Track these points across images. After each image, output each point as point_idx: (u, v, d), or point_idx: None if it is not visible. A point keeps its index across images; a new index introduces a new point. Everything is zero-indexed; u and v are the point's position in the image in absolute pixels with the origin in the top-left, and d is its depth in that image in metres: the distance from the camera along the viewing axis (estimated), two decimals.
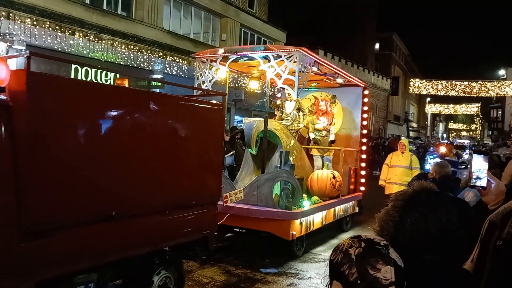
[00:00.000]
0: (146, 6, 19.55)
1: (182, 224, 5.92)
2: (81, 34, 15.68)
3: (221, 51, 9.02)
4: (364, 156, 11.62)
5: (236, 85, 23.00)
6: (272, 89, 10.83)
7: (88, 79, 15.33)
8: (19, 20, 13.44)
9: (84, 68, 15.33)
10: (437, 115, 74.92)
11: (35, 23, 13.94)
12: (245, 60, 9.10)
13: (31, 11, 14.06)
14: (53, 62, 11.95)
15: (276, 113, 10.83)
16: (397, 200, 1.79)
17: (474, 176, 2.38)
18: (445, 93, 55.49)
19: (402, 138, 12.29)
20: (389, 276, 1.49)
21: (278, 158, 9.29)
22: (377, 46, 53.34)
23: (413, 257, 1.64)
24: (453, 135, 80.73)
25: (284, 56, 8.33)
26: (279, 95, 11.11)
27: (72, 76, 14.87)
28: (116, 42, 17.16)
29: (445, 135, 78.06)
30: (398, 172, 11.36)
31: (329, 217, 9.80)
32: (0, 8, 13.07)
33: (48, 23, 14.41)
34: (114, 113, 4.99)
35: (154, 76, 18.19)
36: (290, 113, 10.58)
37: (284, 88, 9.32)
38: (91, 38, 15.97)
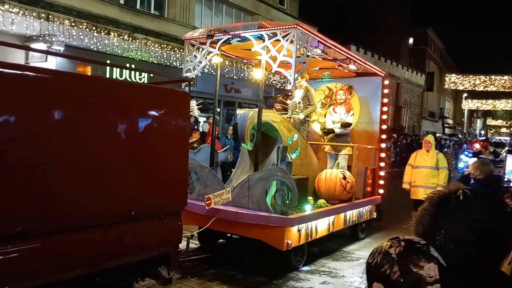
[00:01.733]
0: (178, 5, 19.65)
1: (129, 240, 4.62)
2: (116, 34, 15.87)
3: (204, 31, 7.66)
4: (383, 155, 10.07)
5: (267, 82, 21.66)
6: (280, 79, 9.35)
7: (122, 78, 16.04)
8: (58, 21, 13.72)
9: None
10: (474, 111, 71.50)
11: (73, 24, 14.20)
12: (238, 42, 7.70)
13: (69, 13, 14.28)
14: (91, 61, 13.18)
15: (277, 106, 9.41)
16: (433, 198, 1.70)
17: (505, 179, 1.74)
18: (483, 88, 53.13)
19: (428, 135, 10.59)
20: (433, 274, 1.42)
21: (275, 154, 7.91)
22: (411, 41, 51.08)
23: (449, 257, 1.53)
24: (491, 131, 77.28)
25: (280, 34, 6.90)
26: (289, 86, 9.66)
27: (107, 75, 15.38)
28: (150, 41, 17.21)
29: (483, 132, 74.72)
30: (423, 174, 9.83)
31: (338, 223, 8.34)
32: (40, 10, 13.33)
33: (85, 24, 14.68)
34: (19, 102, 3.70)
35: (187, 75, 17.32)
36: (300, 105, 9.16)
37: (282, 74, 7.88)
38: (125, 38, 16.15)
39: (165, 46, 18.06)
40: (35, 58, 13.61)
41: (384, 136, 10.07)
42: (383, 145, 10.06)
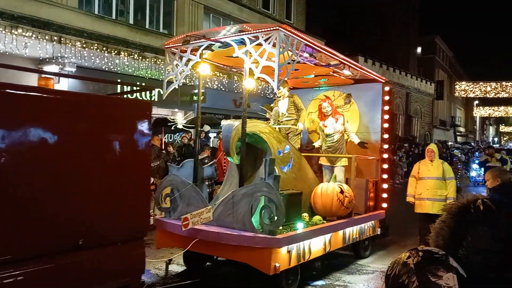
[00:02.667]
0: (186, 23, 19.75)
1: (77, 273, 3.91)
2: (126, 53, 15.75)
3: (182, 37, 6.99)
4: (385, 166, 9.27)
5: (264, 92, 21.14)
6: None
7: (133, 97, 15.53)
8: (70, 43, 13.69)
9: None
10: (486, 118, 70.05)
11: (84, 45, 14.13)
12: (220, 48, 7.03)
13: (80, 35, 14.27)
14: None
15: (268, 116, 8.72)
16: (452, 209, 1.72)
17: None
18: (495, 94, 52.01)
19: (430, 144, 9.79)
20: (452, 283, 1.43)
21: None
22: (419, 50, 50.18)
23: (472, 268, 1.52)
24: (505, 138, 75.71)
25: (262, 38, 6.21)
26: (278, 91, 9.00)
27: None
28: (159, 60, 16.81)
29: (496, 139, 73.18)
30: (429, 185, 9.01)
31: (336, 241, 7.57)
32: (53, 33, 13.34)
33: (96, 44, 14.62)
34: None
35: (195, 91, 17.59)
36: (284, 114, 8.46)
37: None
38: (135, 57, 16.04)
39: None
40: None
41: (386, 146, 9.30)
42: (385, 156, 9.27)
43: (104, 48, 14.92)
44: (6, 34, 12.07)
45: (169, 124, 12.31)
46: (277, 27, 6.10)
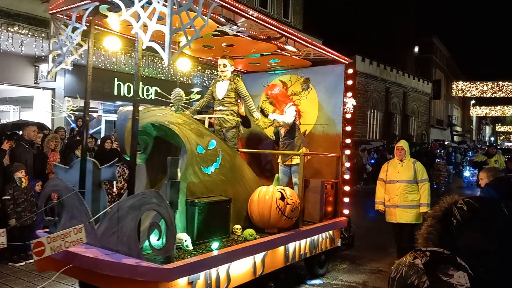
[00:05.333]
0: None
1: None
2: (123, 51, 14.77)
3: None
4: (348, 165, 7.26)
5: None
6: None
7: (130, 95, 14.99)
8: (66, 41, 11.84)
9: (127, 84, 15.03)
10: (483, 118, 67.16)
11: (80, 43, 11.87)
12: (108, 10, 5.07)
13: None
14: (97, 79, 11.51)
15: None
16: (435, 213, 1.64)
17: None
18: (491, 94, 49.78)
19: (400, 140, 7.73)
20: (464, 282, 1.33)
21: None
22: (416, 49, 47.87)
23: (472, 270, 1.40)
24: (501, 138, 72.83)
25: None
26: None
27: (115, 92, 14.92)
28: (156, 58, 15.96)
29: (492, 139, 70.32)
30: (399, 190, 7.08)
31: (273, 261, 5.61)
32: (49, 31, 11.46)
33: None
34: None
35: (194, 89, 16.07)
36: (222, 99, 6.50)
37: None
38: (132, 55, 14.83)
39: (172, 62, 15.87)
40: (44, 78, 12.99)
41: (348, 141, 7.29)
42: (347, 152, 7.25)
43: (101, 46, 13.36)
44: (2, 32, 11.40)
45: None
46: None
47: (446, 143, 39.39)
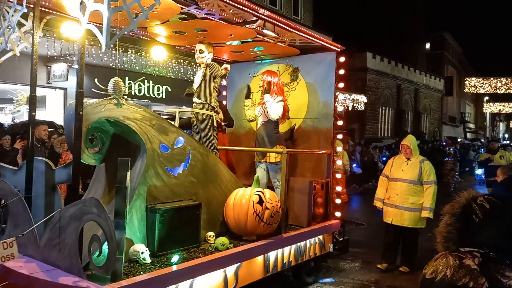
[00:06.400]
0: None
1: None
2: (133, 51, 14.82)
3: None
4: (340, 162, 6.46)
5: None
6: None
7: (141, 94, 15.37)
8: (77, 41, 11.35)
9: (137, 83, 13.20)
10: (496, 114, 65.16)
11: (92, 43, 13.09)
12: None
13: (88, 32, 11.70)
14: (107, 77, 9.37)
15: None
16: (454, 211, 1.56)
17: None
18: (505, 90, 47.98)
19: (407, 136, 6.85)
20: None
21: (137, 171, 4.52)
22: (427, 46, 46.55)
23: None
24: None
25: None
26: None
27: (126, 91, 13.26)
28: (167, 57, 14.43)
29: (506, 135, 68.32)
30: (400, 189, 6.30)
31: (250, 273, 4.86)
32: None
33: None
34: None
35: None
36: (197, 89, 5.74)
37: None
38: (142, 54, 15.00)
39: (181, 61, 16.58)
40: (56, 78, 13.13)
41: (340, 136, 6.48)
42: (339, 149, 6.45)
43: (112, 46, 12.92)
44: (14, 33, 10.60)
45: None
46: None
47: (459, 140, 38.21)
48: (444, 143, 31.00)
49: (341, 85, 6.35)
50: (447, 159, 17.68)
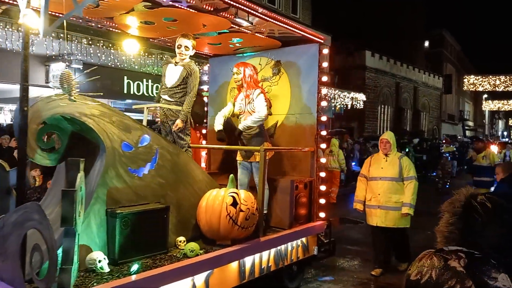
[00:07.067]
0: None
1: None
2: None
3: None
4: (323, 160, 6.04)
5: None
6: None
7: (140, 93, 15.11)
8: (76, 40, 12.64)
9: (136, 82, 14.84)
10: (495, 112, 64.52)
11: (90, 42, 12.92)
12: None
13: (87, 31, 12.84)
14: (107, 77, 11.56)
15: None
16: (454, 209, 1.49)
17: None
18: (504, 88, 47.41)
19: (386, 132, 6.42)
20: (508, 284, 1.21)
21: (96, 172, 4.11)
22: (426, 44, 46.02)
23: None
24: None
25: None
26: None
27: (125, 91, 14.67)
28: (165, 56, 14.84)
29: (505, 133, 67.63)
30: (382, 188, 5.87)
31: (223, 281, 4.44)
32: (59, 30, 11.49)
33: (102, 41, 13.30)
34: None
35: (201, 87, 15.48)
36: (171, 89, 5.32)
37: None
38: (141, 53, 14.36)
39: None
40: (55, 78, 12.61)
41: (324, 133, 6.05)
42: (323, 146, 6.02)
43: (110, 45, 13.45)
44: (13, 32, 10.83)
45: None
46: None
47: (459, 138, 37.74)
48: (443, 141, 30.55)
49: (324, 78, 5.91)
50: (446, 155, 17.21)
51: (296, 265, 5.71)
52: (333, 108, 25.81)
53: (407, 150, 25.11)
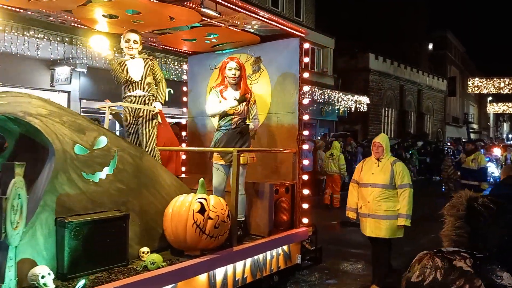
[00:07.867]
0: None
1: None
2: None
3: None
4: (306, 162, 5.59)
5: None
6: None
7: None
8: (81, 44, 12.45)
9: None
10: (500, 114, 63.45)
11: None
12: None
13: (91, 35, 11.89)
14: (112, 81, 9.09)
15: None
16: (459, 213, 1.45)
17: None
18: (509, 91, 46.60)
19: (379, 135, 5.87)
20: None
21: (45, 178, 3.67)
22: (430, 46, 45.38)
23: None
24: None
25: None
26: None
27: None
28: (169, 60, 15.38)
29: (510, 136, 66.56)
30: (371, 196, 5.35)
31: None
32: (64, 34, 12.26)
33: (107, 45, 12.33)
34: None
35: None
36: (141, 81, 4.90)
37: None
38: (145, 57, 13.20)
39: (184, 63, 15.47)
40: (60, 81, 12.85)
41: (306, 133, 5.59)
42: (305, 147, 5.55)
43: (114, 48, 12.80)
44: (19, 36, 10.87)
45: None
46: None
47: (463, 140, 37.06)
48: (449, 144, 29.96)
49: (306, 75, 5.45)
50: (448, 156, 16.63)
51: (277, 275, 5.22)
52: (336, 111, 25.39)
53: (411, 152, 24.59)
